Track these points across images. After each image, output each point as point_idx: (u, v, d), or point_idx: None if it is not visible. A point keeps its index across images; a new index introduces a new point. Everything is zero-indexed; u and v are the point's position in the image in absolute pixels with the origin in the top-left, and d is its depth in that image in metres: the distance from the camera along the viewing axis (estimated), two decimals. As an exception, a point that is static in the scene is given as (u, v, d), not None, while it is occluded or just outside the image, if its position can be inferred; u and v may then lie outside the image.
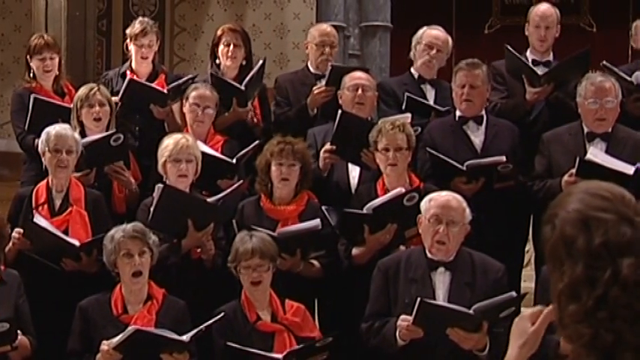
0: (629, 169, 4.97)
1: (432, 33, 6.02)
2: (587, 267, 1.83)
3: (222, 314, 4.57)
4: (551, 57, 6.00)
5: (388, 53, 8.92)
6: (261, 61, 6.00)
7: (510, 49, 5.83)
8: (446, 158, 5.30)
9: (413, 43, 6.06)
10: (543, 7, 6.05)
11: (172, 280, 4.90)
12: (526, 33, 6.06)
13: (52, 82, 5.93)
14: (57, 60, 5.95)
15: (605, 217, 1.84)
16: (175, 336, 4.40)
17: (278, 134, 5.37)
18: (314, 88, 5.90)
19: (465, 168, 5.26)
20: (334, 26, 6.79)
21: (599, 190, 1.90)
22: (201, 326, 4.49)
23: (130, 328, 4.39)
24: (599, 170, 4.98)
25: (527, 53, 6.00)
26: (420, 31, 6.06)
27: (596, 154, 5.14)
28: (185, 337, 4.41)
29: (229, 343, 4.50)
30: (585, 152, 5.19)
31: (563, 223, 1.87)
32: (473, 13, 10.29)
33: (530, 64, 5.82)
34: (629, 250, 1.83)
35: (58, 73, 5.97)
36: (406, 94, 5.80)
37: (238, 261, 4.65)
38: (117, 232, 4.66)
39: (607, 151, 5.21)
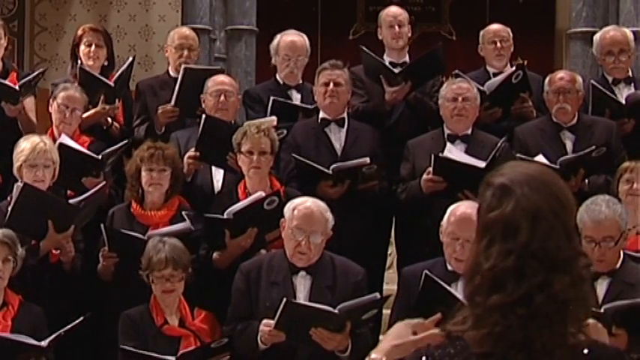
0: (481, 164, 5.12)
1: (287, 41, 5.98)
2: (520, 261, 1.80)
3: (81, 318, 4.48)
4: (407, 58, 6.12)
5: (254, 57, 8.93)
6: (130, 58, 5.93)
7: (366, 49, 5.91)
8: (312, 163, 5.33)
9: (272, 52, 6.05)
10: (393, 9, 6.24)
11: (28, 282, 4.79)
12: (380, 37, 6.16)
13: None
14: None
15: (556, 226, 1.83)
16: (33, 341, 4.31)
17: (148, 140, 5.32)
18: (159, 107, 5.76)
19: (330, 172, 5.31)
20: (200, 29, 6.75)
21: (569, 201, 1.87)
22: (60, 330, 4.41)
23: None
24: (454, 165, 5.14)
25: (384, 57, 6.09)
26: (276, 40, 6.01)
27: (451, 149, 5.30)
28: (43, 343, 4.33)
29: (122, 346, 4.44)
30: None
31: (515, 206, 1.83)
32: (338, 18, 10.40)
33: (387, 64, 5.92)
34: (565, 269, 1.82)
35: None
36: (272, 97, 5.78)
37: (151, 270, 4.56)
38: None
39: (467, 152, 5.34)
